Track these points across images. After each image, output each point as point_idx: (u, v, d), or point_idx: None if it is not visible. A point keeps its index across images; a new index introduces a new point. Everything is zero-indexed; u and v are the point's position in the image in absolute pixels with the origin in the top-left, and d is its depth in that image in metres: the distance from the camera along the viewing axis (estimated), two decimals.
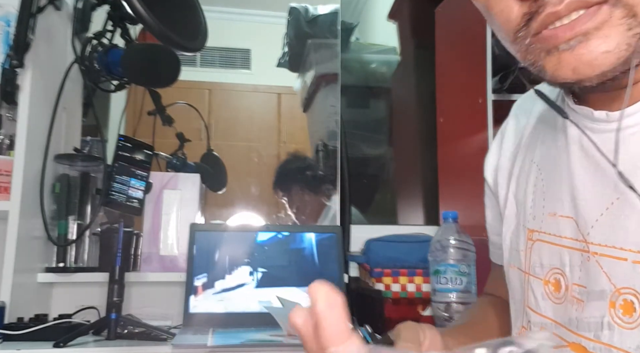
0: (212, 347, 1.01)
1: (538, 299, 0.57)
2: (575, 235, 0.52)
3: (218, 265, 1.30)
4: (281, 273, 1.32)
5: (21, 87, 1.19)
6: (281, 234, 1.36)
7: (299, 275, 1.32)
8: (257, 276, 1.31)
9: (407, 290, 1.28)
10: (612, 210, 0.49)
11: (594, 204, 0.51)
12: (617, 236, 0.48)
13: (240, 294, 1.28)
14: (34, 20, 1.16)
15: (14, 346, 1.03)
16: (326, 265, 1.33)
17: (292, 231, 1.37)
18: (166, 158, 1.51)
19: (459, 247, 1.07)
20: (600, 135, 0.51)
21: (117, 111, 1.52)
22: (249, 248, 1.33)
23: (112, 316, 1.12)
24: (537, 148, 0.62)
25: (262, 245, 1.34)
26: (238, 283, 1.30)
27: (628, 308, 0.46)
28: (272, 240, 1.35)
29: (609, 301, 0.48)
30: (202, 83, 1.68)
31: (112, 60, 1.16)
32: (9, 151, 1.22)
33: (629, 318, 0.46)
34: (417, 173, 1.80)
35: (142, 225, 1.36)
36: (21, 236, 1.17)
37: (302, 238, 1.35)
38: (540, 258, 0.57)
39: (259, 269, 1.31)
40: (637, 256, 0.46)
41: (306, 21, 1.70)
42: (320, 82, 1.66)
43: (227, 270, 1.30)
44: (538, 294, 0.57)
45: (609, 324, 0.48)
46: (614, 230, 0.48)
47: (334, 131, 1.60)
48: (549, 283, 0.56)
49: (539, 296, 0.57)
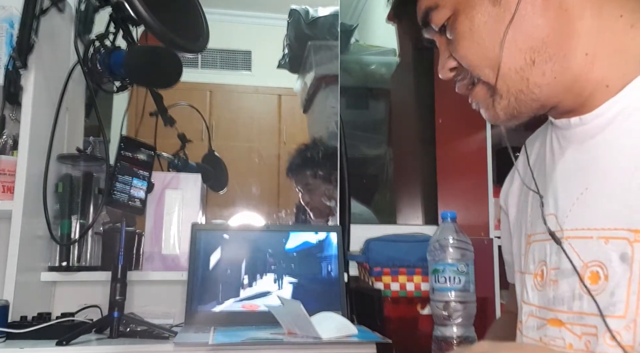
0: (214, 345, 1.02)
1: (529, 291, 0.65)
2: (555, 228, 0.61)
3: (219, 264, 1.31)
4: (281, 272, 1.33)
5: (24, 88, 1.20)
6: (281, 233, 1.37)
7: (299, 273, 1.33)
8: (257, 275, 1.32)
9: (406, 289, 1.29)
10: (581, 199, 0.58)
11: (568, 197, 0.60)
12: (584, 219, 0.57)
13: (241, 293, 1.29)
14: (37, 22, 1.17)
15: (18, 344, 1.04)
16: (326, 264, 1.34)
17: (292, 230, 1.38)
18: (168, 158, 1.52)
19: (457, 246, 1.08)
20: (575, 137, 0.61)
21: (119, 112, 1.53)
22: (249, 247, 1.34)
23: (115, 314, 1.13)
24: (537, 163, 0.70)
25: (262, 244, 1.35)
26: (238, 282, 1.31)
27: (594, 278, 0.54)
28: (272, 239, 1.36)
29: (578, 275, 0.56)
30: (204, 84, 1.69)
31: (115, 61, 1.16)
32: (13, 151, 1.23)
33: (595, 286, 0.54)
34: (416, 173, 1.81)
35: (144, 224, 1.37)
36: (24, 236, 1.18)
37: (302, 238, 1.36)
38: (533, 256, 0.65)
39: (259, 268, 1.32)
40: (601, 233, 0.54)
41: (306, 23, 1.71)
42: (320, 84, 1.67)
43: (227, 269, 1.31)
44: (529, 287, 0.65)
45: (579, 295, 0.56)
46: (582, 215, 0.57)
47: (333, 131, 1.61)
48: (537, 275, 0.64)
49: (529, 288, 0.65)
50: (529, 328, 0.64)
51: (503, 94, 0.60)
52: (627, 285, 0.51)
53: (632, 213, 0.52)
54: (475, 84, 0.63)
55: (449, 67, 0.65)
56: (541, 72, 0.58)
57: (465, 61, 0.62)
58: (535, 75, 0.58)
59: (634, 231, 0.51)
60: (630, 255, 0.51)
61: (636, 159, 0.53)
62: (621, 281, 0.51)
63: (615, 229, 0.53)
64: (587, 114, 0.59)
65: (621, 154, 0.55)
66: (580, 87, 0.58)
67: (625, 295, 0.51)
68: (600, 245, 0.54)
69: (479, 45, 0.60)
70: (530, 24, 0.57)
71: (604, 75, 0.57)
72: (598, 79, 0.57)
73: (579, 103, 0.59)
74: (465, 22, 0.60)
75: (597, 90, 0.57)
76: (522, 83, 0.59)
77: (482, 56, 0.60)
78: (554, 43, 0.57)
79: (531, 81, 0.58)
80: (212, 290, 1.28)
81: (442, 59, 0.66)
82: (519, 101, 0.60)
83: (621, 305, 0.51)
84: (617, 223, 0.53)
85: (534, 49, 0.57)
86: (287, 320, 1.09)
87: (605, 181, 0.55)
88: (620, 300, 0.51)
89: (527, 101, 0.60)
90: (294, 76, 1.73)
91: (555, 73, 0.58)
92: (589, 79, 0.58)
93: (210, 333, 1.09)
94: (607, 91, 0.57)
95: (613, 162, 0.55)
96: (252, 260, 1.33)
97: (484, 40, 0.59)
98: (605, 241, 0.54)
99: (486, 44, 0.59)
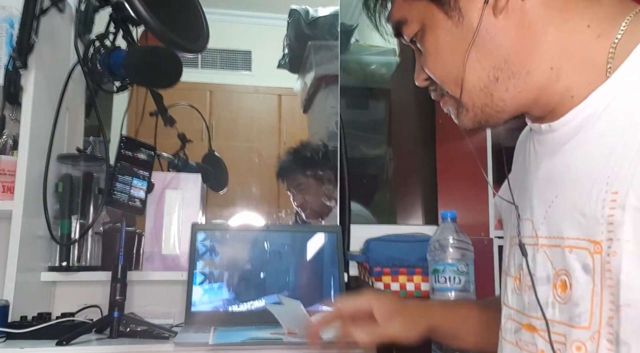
0: (214, 345, 1.02)
1: (509, 294, 0.66)
2: (531, 233, 0.61)
3: (219, 264, 1.31)
4: (281, 272, 1.33)
5: (24, 88, 1.20)
6: (281, 233, 1.37)
7: (299, 274, 1.33)
8: (257, 275, 1.32)
9: (406, 289, 1.29)
10: (553, 207, 0.59)
11: (542, 204, 0.60)
12: (554, 227, 0.57)
13: (241, 292, 1.29)
14: (37, 22, 1.17)
15: (18, 344, 1.04)
16: (326, 264, 1.34)
17: (293, 230, 1.39)
18: (168, 158, 1.52)
19: (457, 246, 1.08)
20: (545, 144, 0.61)
21: (119, 112, 1.53)
22: (250, 247, 1.34)
23: (115, 314, 1.13)
24: (516, 166, 0.72)
25: (262, 244, 1.35)
26: (238, 282, 1.31)
27: (563, 286, 0.55)
28: (272, 239, 1.36)
29: (552, 283, 0.57)
30: (204, 84, 1.69)
31: (115, 61, 1.16)
32: (13, 151, 1.23)
33: (563, 295, 0.55)
34: (416, 173, 1.81)
35: (144, 224, 1.38)
36: (24, 236, 1.18)
37: (302, 238, 1.36)
38: (514, 259, 0.66)
39: (259, 268, 1.32)
40: (567, 242, 0.55)
41: (306, 23, 1.71)
42: (320, 84, 1.67)
43: (227, 269, 1.31)
44: (509, 289, 0.66)
45: (552, 303, 0.56)
46: (553, 223, 0.58)
47: (333, 131, 1.61)
48: (516, 279, 0.65)
49: (509, 291, 0.66)
50: (507, 331, 0.65)
51: (469, 108, 0.62)
52: (590, 296, 0.51)
53: (592, 224, 0.52)
54: (444, 95, 0.65)
55: (422, 78, 0.67)
56: (504, 88, 0.59)
57: (432, 75, 0.64)
58: (499, 90, 0.59)
59: (594, 242, 0.51)
60: (591, 266, 0.51)
61: (596, 168, 0.53)
62: (585, 293, 0.52)
63: (578, 239, 0.53)
64: (555, 121, 0.59)
65: (586, 163, 0.54)
66: (546, 98, 0.59)
67: (589, 306, 0.51)
68: (566, 254, 0.54)
69: (443, 62, 0.61)
70: (491, 44, 0.58)
71: (569, 86, 0.57)
72: (563, 91, 0.57)
73: (547, 112, 0.60)
74: (431, 39, 0.62)
75: (563, 100, 0.58)
76: (486, 98, 0.60)
77: (447, 73, 0.62)
78: (517, 61, 0.58)
79: (495, 96, 0.59)
80: (213, 290, 1.28)
81: (417, 68, 0.67)
82: (484, 113, 0.61)
83: (586, 316, 0.51)
84: (580, 233, 0.53)
85: (496, 68, 0.58)
86: (287, 319, 1.09)
87: (572, 190, 0.56)
88: (585, 310, 0.51)
89: (493, 113, 0.61)
90: (294, 76, 1.73)
91: (518, 88, 0.59)
92: (555, 91, 0.58)
93: (210, 333, 1.09)
94: (572, 101, 0.57)
95: (578, 171, 0.55)
96: (252, 260, 1.33)
97: (447, 58, 0.61)
98: (569, 250, 0.54)
99: (450, 62, 0.60)
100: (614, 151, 0.51)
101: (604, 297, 0.50)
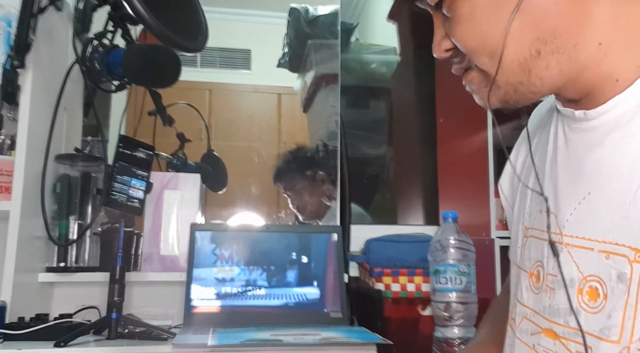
0: (213, 346, 1.01)
1: (523, 291, 0.62)
2: (555, 229, 0.56)
3: (218, 265, 1.30)
4: (281, 272, 1.32)
5: (22, 87, 1.19)
6: (281, 234, 1.36)
7: (299, 274, 1.32)
8: (257, 275, 1.31)
9: (407, 290, 1.29)
10: (584, 204, 0.53)
11: (570, 199, 0.55)
12: (586, 228, 0.52)
13: (240, 294, 1.28)
14: (35, 20, 1.16)
15: (15, 345, 1.03)
16: (326, 265, 1.34)
17: (293, 231, 1.38)
18: (167, 158, 1.51)
19: (458, 247, 1.08)
20: (579, 133, 0.56)
21: (117, 111, 1.52)
22: (249, 248, 1.33)
23: (113, 315, 1.12)
24: (538, 150, 0.66)
25: (262, 244, 1.34)
26: (237, 282, 1.30)
27: (593, 294, 0.50)
28: (272, 239, 1.35)
29: (577, 288, 0.52)
30: (203, 83, 1.68)
31: (113, 60, 1.16)
32: (10, 151, 1.22)
33: (593, 303, 0.50)
34: (417, 173, 1.81)
35: (142, 224, 1.37)
36: (22, 236, 1.17)
37: (302, 238, 1.36)
38: (529, 252, 0.61)
39: (259, 269, 1.32)
40: (602, 246, 0.50)
41: (306, 22, 1.70)
42: (321, 83, 1.66)
43: (226, 269, 1.30)
44: (524, 286, 0.62)
45: (577, 310, 0.52)
46: (584, 223, 0.53)
47: (334, 131, 1.60)
48: (532, 275, 0.60)
49: (524, 288, 0.61)
50: (523, 332, 0.61)
51: (501, 85, 0.55)
52: (623, 307, 0.47)
53: (634, 229, 0.47)
54: (470, 69, 0.58)
55: (444, 48, 0.59)
56: (544, 65, 0.52)
57: (462, 45, 0.56)
58: (538, 67, 0.52)
59: (635, 249, 0.47)
60: (628, 276, 0.47)
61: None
62: (618, 303, 0.47)
63: (616, 244, 0.49)
64: (591, 109, 0.54)
65: (626, 160, 0.50)
66: (586, 79, 0.53)
67: (621, 318, 0.47)
68: (601, 259, 0.50)
69: (479, 31, 0.54)
70: (538, 11, 0.51)
71: (615, 68, 0.51)
72: (608, 72, 0.52)
73: (582, 95, 0.55)
74: (466, 4, 0.54)
75: (605, 84, 0.52)
76: (523, 75, 0.53)
77: (482, 44, 0.54)
78: (565, 34, 0.51)
79: (533, 73, 0.53)
80: (211, 291, 1.27)
81: (437, 36, 0.59)
82: (517, 92, 0.55)
83: (616, 329, 0.47)
84: (619, 237, 0.49)
85: (540, 40, 0.51)
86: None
87: (608, 188, 0.51)
88: (616, 323, 0.47)
89: (526, 93, 0.55)
90: (294, 75, 1.72)
91: (561, 65, 0.52)
92: (598, 71, 0.52)
93: (209, 334, 1.09)
94: (616, 85, 0.51)
95: (617, 168, 0.50)
96: (252, 261, 1.32)
97: (485, 26, 0.53)
98: (606, 255, 0.49)
99: (487, 31, 0.53)
100: None
101: (638, 310, 0.46)
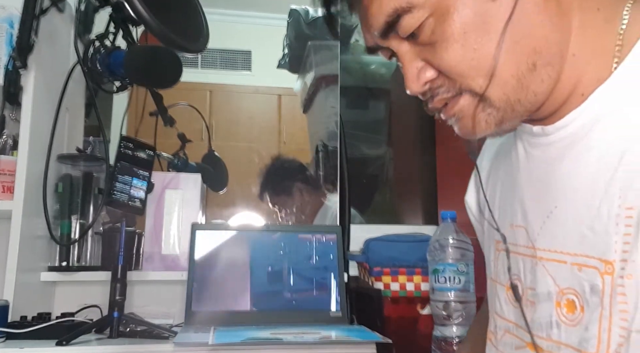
0: (214, 345, 1.02)
1: (502, 304, 0.61)
2: (526, 243, 0.56)
3: (219, 264, 1.31)
4: (281, 272, 1.33)
5: (24, 88, 1.20)
6: (281, 233, 1.37)
7: (299, 273, 1.33)
8: (257, 275, 1.32)
9: (406, 289, 1.29)
10: (552, 218, 0.53)
11: (538, 213, 0.55)
12: (557, 241, 0.52)
13: (241, 292, 1.29)
14: (37, 22, 1.17)
15: (18, 344, 1.04)
16: (326, 265, 1.34)
17: (293, 231, 1.38)
18: (168, 158, 1.52)
19: (457, 246, 1.08)
20: (539, 148, 0.55)
21: (119, 112, 1.53)
22: (249, 247, 1.34)
23: (115, 314, 1.13)
24: (500, 166, 0.66)
25: (262, 244, 1.35)
26: (238, 282, 1.30)
27: (570, 306, 0.50)
28: (272, 239, 1.36)
29: (555, 301, 0.52)
30: (204, 84, 1.69)
31: (115, 61, 1.17)
32: (13, 151, 1.23)
33: (571, 315, 0.50)
34: (416, 173, 1.82)
35: (144, 224, 1.37)
36: (24, 236, 1.18)
37: (302, 238, 1.36)
38: (503, 266, 0.61)
39: (259, 268, 1.32)
40: (574, 259, 0.49)
41: (306, 23, 1.71)
42: (320, 84, 1.67)
43: (227, 269, 1.31)
44: (502, 299, 0.61)
45: (557, 323, 0.51)
46: (555, 236, 0.52)
47: (333, 131, 1.61)
48: (509, 288, 0.59)
49: (503, 301, 0.61)
50: (506, 345, 0.60)
51: (499, 106, 0.50)
52: (598, 320, 0.46)
53: (603, 241, 0.46)
54: (458, 96, 0.53)
55: (426, 79, 0.53)
56: (540, 79, 0.49)
57: (455, 69, 0.50)
58: (534, 81, 0.49)
59: (604, 262, 0.46)
60: (600, 287, 0.46)
61: (604, 178, 0.47)
62: (593, 315, 0.47)
63: (587, 256, 0.48)
64: (549, 125, 0.52)
65: (587, 173, 0.48)
66: (558, 94, 0.51)
67: (597, 330, 0.46)
68: (574, 271, 0.49)
69: (471, 49, 0.49)
70: (530, 21, 0.48)
71: (581, 80, 0.50)
72: (575, 85, 0.50)
73: (549, 112, 0.53)
74: (454, 21, 0.49)
75: (571, 98, 0.51)
76: (522, 91, 0.49)
77: (475, 63, 0.49)
78: (555, 42, 0.49)
79: (530, 90, 0.49)
80: (212, 289, 1.28)
81: (412, 69, 0.53)
82: (515, 112, 0.50)
83: (594, 341, 0.47)
84: (588, 250, 0.48)
85: (535, 51, 0.48)
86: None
87: (576, 201, 0.50)
88: (593, 335, 0.47)
89: (521, 112, 0.51)
90: (294, 76, 1.73)
91: (552, 79, 0.50)
92: (567, 85, 0.50)
93: (210, 333, 1.09)
94: (580, 99, 0.50)
95: (580, 182, 0.49)
96: (252, 260, 1.33)
97: (477, 43, 0.49)
98: (578, 268, 0.49)
99: (480, 47, 0.49)
100: (624, 159, 0.45)
101: (613, 322, 0.45)
